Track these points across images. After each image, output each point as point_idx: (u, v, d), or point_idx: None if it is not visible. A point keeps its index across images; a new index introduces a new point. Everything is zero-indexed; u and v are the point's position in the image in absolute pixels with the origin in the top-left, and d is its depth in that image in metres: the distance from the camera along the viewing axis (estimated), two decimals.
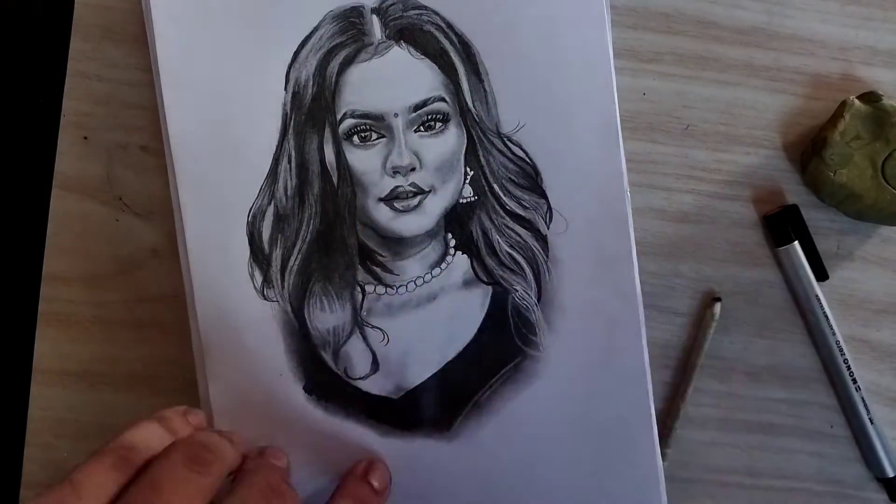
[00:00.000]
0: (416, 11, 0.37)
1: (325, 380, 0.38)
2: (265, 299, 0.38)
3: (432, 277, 0.38)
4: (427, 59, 0.37)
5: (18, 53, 0.40)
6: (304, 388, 0.38)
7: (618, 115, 0.37)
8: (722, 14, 0.40)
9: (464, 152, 0.38)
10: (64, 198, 0.39)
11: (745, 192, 0.40)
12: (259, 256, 0.38)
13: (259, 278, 0.38)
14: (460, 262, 0.38)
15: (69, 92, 0.39)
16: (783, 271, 0.40)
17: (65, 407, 0.39)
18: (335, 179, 0.38)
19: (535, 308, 0.38)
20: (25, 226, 0.40)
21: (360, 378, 0.38)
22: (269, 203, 0.38)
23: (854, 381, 0.39)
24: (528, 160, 0.37)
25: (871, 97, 0.38)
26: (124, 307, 0.39)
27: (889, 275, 0.40)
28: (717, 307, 0.39)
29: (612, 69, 0.37)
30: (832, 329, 0.39)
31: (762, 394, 0.40)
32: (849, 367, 0.39)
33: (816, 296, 0.39)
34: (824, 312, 0.39)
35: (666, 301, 0.40)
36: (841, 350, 0.39)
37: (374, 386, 0.38)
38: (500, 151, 0.37)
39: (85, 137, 0.39)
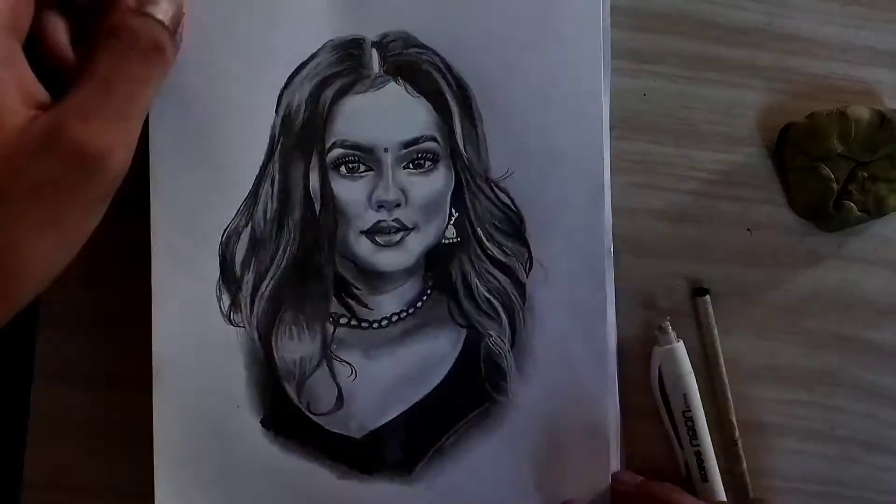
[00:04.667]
0: (417, 50, 0.38)
1: (285, 414, 0.37)
2: (231, 324, 0.36)
3: (407, 315, 0.38)
4: (423, 98, 0.37)
5: None
6: (261, 421, 0.37)
7: (607, 177, 0.38)
8: (723, 15, 0.41)
9: (450, 193, 0.38)
10: None
11: (746, 193, 0.41)
12: (229, 278, 0.36)
13: (227, 301, 0.36)
14: (437, 303, 0.38)
15: None
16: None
17: (65, 408, 0.37)
18: (317, 207, 0.37)
19: (507, 354, 0.38)
20: None
21: (322, 414, 0.37)
22: (247, 225, 0.37)
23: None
24: (513, 208, 0.38)
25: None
26: (125, 307, 0.37)
27: (889, 275, 0.41)
28: (707, 298, 0.39)
29: (606, 131, 0.38)
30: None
31: (762, 394, 0.40)
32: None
33: None
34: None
35: (666, 301, 0.40)
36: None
37: (336, 424, 0.37)
38: (487, 196, 0.38)
39: None
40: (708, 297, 0.40)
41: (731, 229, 0.41)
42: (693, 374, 0.39)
